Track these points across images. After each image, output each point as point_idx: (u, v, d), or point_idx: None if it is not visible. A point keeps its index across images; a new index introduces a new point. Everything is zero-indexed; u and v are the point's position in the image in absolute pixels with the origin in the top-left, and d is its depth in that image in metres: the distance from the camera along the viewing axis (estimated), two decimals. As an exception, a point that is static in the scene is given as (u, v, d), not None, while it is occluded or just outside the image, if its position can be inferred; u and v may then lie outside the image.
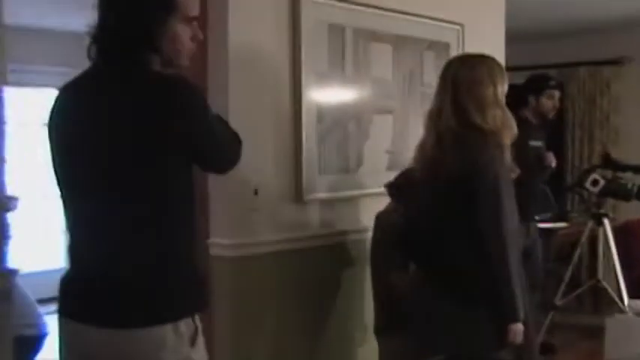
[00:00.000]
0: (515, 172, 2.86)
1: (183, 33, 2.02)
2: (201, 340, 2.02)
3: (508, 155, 2.80)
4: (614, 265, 4.92)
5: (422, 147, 2.96)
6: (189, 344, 1.95)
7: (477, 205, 2.73)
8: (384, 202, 3.63)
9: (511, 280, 2.72)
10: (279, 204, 3.36)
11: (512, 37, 4.84)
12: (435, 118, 2.89)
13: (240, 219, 3.21)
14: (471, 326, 2.78)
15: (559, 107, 7.13)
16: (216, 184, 3.17)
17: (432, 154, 2.85)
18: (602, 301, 6.14)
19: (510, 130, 2.83)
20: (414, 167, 3.05)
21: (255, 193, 3.24)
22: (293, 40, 3.36)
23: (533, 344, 3.01)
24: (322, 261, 3.55)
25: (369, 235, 3.50)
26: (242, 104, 3.17)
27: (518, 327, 2.75)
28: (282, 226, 3.37)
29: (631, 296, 4.94)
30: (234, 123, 3.09)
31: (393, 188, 3.40)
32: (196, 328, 1.99)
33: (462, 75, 2.84)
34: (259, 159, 3.25)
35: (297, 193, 3.42)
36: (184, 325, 1.94)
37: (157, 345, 1.90)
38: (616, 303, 5.01)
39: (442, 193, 2.83)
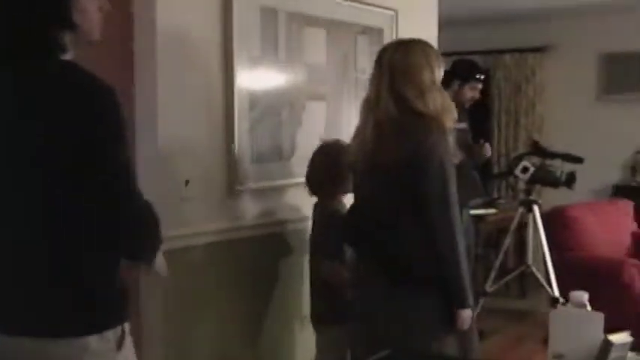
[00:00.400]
0: (458, 157, 2.80)
1: (89, 4, 1.82)
2: (129, 340, 1.88)
3: (451, 140, 2.75)
4: (543, 252, 4.95)
5: (359, 136, 2.86)
6: (115, 348, 1.81)
7: (422, 193, 2.66)
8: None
9: (460, 266, 2.69)
10: (211, 194, 3.23)
11: (439, 23, 4.79)
12: (372, 106, 2.79)
13: (170, 210, 3.04)
14: (420, 313, 2.73)
15: (485, 94, 7.26)
16: (144, 175, 3.01)
17: (372, 143, 2.76)
18: (530, 287, 6.22)
19: (451, 114, 2.75)
20: (350, 157, 2.95)
21: (187, 183, 3.10)
22: (225, 23, 3.22)
23: (474, 329, 2.95)
24: (259, 251, 3.44)
25: (308, 224, 3.42)
26: (171, 90, 3.01)
27: (467, 313, 2.73)
28: (216, 216, 3.24)
29: (558, 282, 4.97)
30: (163, 110, 3.00)
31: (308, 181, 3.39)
32: (123, 332, 1.85)
33: (399, 60, 2.75)
34: (190, 147, 3.11)
35: (230, 183, 3.29)
36: (111, 333, 1.80)
37: (80, 350, 1.76)
38: (544, 288, 5.04)
39: (385, 182, 2.74)
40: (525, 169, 4.92)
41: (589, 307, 2.34)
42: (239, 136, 3.28)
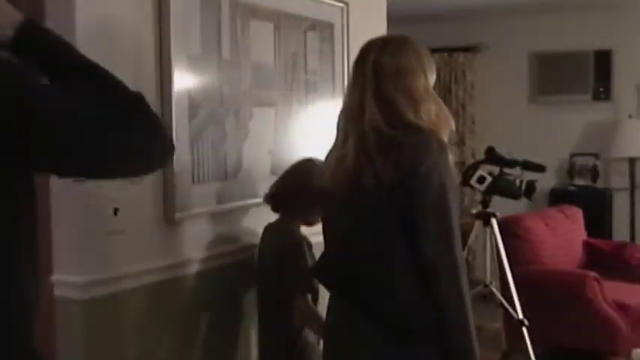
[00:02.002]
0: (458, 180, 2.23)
1: None
2: None
3: (451, 157, 2.18)
4: (503, 269, 4.51)
5: (337, 154, 2.27)
6: None
7: (418, 226, 2.10)
8: (273, 215, 2.99)
9: (468, 321, 2.14)
10: (145, 225, 2.62)
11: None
12: (354, 117, 2.22)
13: (94, 248, 2.45)
14: None
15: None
16: (60, 203, 2.40)
17: (354, 162, 2.19)
18: (491, 304, 5.80)
19: (448, 127, 2.23)
20: (325, 180, 2.37)
21: (115, 212, 2.49)
22: (159, 15, 2.62)
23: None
24: (202, 290, 2.86)
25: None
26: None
27: None
28: (151, 252, 2.64)
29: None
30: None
31: (273, 199, 2.85)
32: None
33: (386, 62, 2.20)
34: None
35: (168, 210, 2.69)
36: None
37: None
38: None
39: (371, 210, 2.19)
40: (482, 179, 4.46)
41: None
42: (178, 151, 2.68)
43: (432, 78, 2.28)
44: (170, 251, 2.72)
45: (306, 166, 2.89)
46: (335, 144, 2.33)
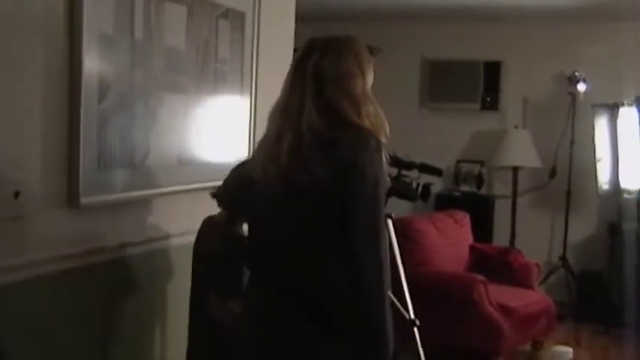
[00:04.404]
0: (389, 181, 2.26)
1: None
2: None
3: (385, 157, 2.22)
4: (397, 269, 4.55)
5: (268, 151, 2.25)
6: None
7: (350, 221, 2.11)
8: (179, 203, 2.91)
9: (385, 316, 2.14)
10: (48, 210, 2.47)
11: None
12: (293, 117, 2.21)
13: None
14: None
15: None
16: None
17: (288, 159, 2.17)
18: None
19: (384, 128, 2.27)
20: (255, 175, 2.31)
21: (16, 196, 2.34)
22: (72, -10, 2.49)
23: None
24: (108, 280, 2.74)
25: (170, 243, 2.86)
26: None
27: None
28: (54, 239, 2.49)
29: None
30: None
31: (226, 196, 2.68)
32: None
33: (328, 66, 2.21)
34: (20, 149, 2.36)
35: (72, 195, 2.55)
36: None
37: None
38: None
39: (306, 204, 2.17)
40: (379, 180, 4.50)
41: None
42: (85, 135, 2.56)
43: (370, 80, 2.31)
44: (76, 239, 2.58)
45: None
46: (265, 140, 2.30)
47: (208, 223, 2.80)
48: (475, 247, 5.76)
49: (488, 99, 7.10)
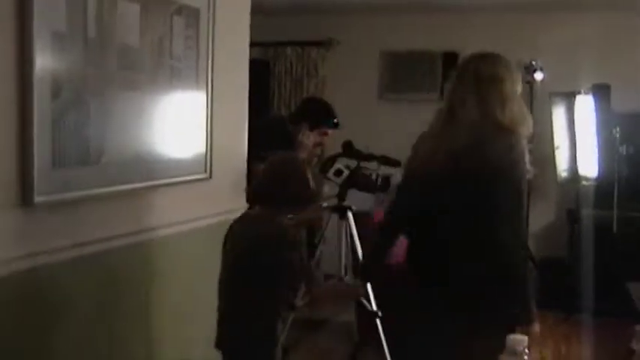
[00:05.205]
0: (531, 173, 2.81)
1: None
2: None
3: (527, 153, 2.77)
4: (358, 261, 4.57)
5: (432, 143, 2.89)
6: None
7: (497, 208, 2.69)
8: (138, 202, 2.90)
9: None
10: (1, 210, 2.45)
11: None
12: (458, 111, 2.82)
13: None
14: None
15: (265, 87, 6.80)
16: None
17: (452, 150, 2.75)
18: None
19: (526, 124, 2.81)
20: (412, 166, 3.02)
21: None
22: (22, -14, 2.46)
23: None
24: (63, 281, 2.71)
25: (128, 241, 2.83)
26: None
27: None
28: (6, 239, 2.47)
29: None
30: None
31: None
32: None
33: (485, 70, 2.84)
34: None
35: (25, 194, 2.53)
36: None
37: None
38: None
39: (467, 190, 2.73)
40: (339, 172, 4.51)
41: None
42: (38, 132, 2.54)
43: (519, 85, 2.90)
44: (28, 239, 2.56)
45: (289, 159, 3.06)
46: (431, 135, 2.94)
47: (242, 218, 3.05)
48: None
49: (447, 89, 7.14)
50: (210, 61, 3.59)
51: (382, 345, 4.42)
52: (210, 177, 3.65)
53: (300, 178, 2.90)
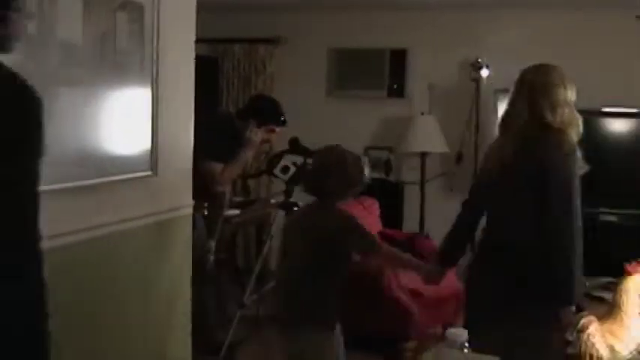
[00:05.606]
0: (584, 169, 3.06)
1: None
2: None
3: (578, 153, 3.00)
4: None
5: (496, 144, 3.21)
6: None
7: (548, 204, 2.92)
8: (81, 200, 2.84)
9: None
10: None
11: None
12: (514, 118, 3.13)
13: None
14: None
15: (213, 85, 6.74)
16: None
17: (508, 153, 3.06)
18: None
19: (577, 128, 3.08)
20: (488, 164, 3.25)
21: None
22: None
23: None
24: None
25: (68, 240, 2.78)
26: None
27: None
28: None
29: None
30: None
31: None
32: None
33: (539, 79, 3.13)
34: None
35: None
36: None
37: None
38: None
39: (516, 193, 3.05)
40: (286, 169, 4.52)
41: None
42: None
43: (572, 93, 3.14)
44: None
45: (339, 150, 3.39)
46: (497, 140, 3.23)
47: (303, 209, 3.66)
48: (385, 233, 5.82)
49: (394, 86, 7.19)
50: (155, 57, 3.55)
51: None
52: (156, 174, 3.62)
53: (350, 163, 3.29)
